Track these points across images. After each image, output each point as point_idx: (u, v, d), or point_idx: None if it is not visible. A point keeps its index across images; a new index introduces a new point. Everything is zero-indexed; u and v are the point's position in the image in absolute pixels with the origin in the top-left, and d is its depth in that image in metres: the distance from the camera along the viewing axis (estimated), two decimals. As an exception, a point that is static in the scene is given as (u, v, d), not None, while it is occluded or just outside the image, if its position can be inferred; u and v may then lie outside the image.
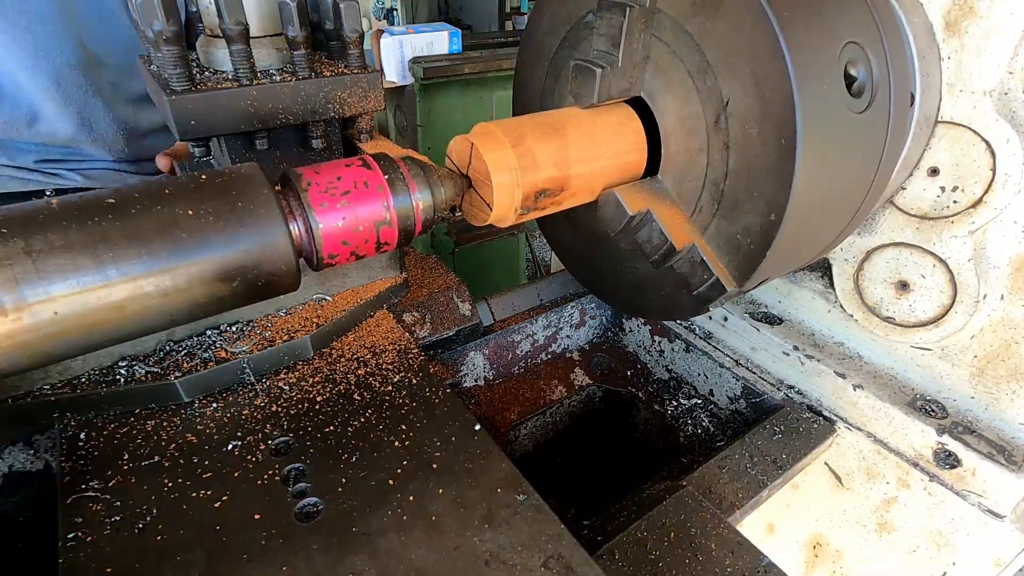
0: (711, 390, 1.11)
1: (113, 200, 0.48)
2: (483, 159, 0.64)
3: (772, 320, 1.06)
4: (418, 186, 0.63)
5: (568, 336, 1.23)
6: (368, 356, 0.80)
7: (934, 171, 0.80)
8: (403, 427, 0.68)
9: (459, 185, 0.67)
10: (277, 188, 0.58)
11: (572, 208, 0.76)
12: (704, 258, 0.71)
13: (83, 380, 0.71)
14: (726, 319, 1.08)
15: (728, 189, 0.68)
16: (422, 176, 0.64)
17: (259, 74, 0.76)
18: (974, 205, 0.77)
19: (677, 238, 0.73)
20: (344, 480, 0.61)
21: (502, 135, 0.65)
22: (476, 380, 1.11)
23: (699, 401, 1.12)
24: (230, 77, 0.75)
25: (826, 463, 0.97)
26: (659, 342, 1.19)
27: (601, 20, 0.69)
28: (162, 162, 1.16)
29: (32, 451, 0.75)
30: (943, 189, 0.79)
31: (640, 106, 0.74)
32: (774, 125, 0.60)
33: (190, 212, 0.50)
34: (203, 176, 0.53)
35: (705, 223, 0.72)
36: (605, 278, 0.90)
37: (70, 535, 0.55)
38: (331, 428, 0.68)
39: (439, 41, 2.61)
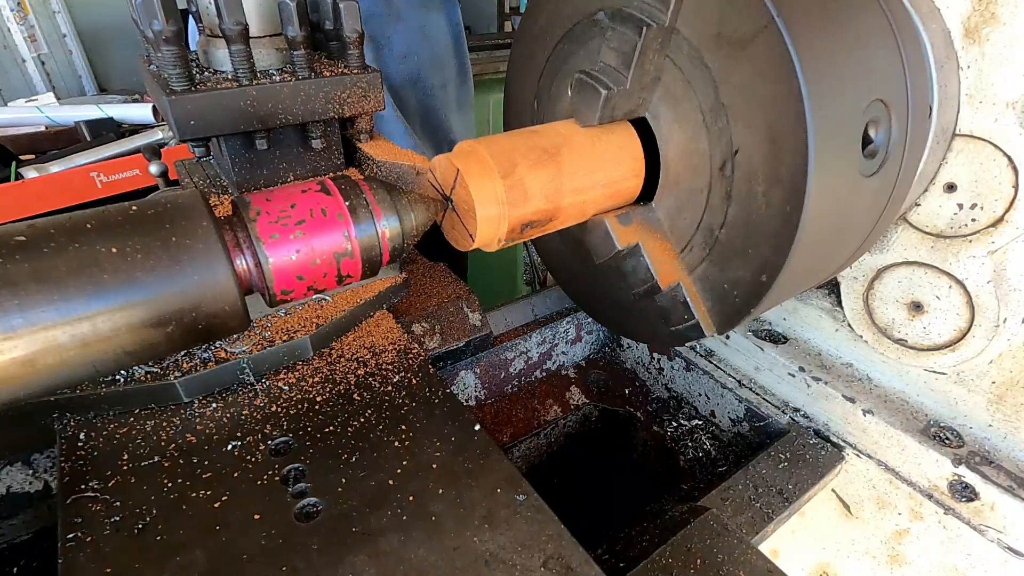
0: (712, 411, 1.07)
1: (24, 237, 0.43)
2: (468, 189, 0.59)
3: (777, 338, 1.01)
4: (384, 212, 0.58)
5: (564, 352, 1.19)
6: (368, 356, 0.80)
7: (951, 187, 0.75)
8: (403, 427, 0.68)
9: (433, 208, 0.62)
10: (226, 216, 0.54)
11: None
12: (688, 299, 0.69)
13: (82, 380, 0.71)
14: (728, 336, 1.04)
15: (723, 238, 0.65)
16: (388, 201, 0.59)
17: (259, 74, 0.76)
18: (994, 224, 0.73)
19: (663, 276, 0.70)
20: (344, 480, 0.61)
21: (491, 161, 0.60)
22: (467, 400, 1.08)
23: (700, 423, 1.08)
24: (230, 77, 0.75)
25: (833, 490, 0.93)
26: (658, 359, 1.15)
27: (613, 32, 0.64)
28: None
29: (31, 471, 0.75)
30: (960, 206, 0.75)
31: (642, 122, 0.70)
32: (783, 190, 0.57)
33: (114, 250, 0.45)
34: (134, 207, 0.48)
35: (694, 263, 0.69)
36: (591, 291, 0.87)
37: (70, 535, 0.55)
38: (331, 428, 0.68)
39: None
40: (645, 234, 0.72)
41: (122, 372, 0.72)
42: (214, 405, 0.72)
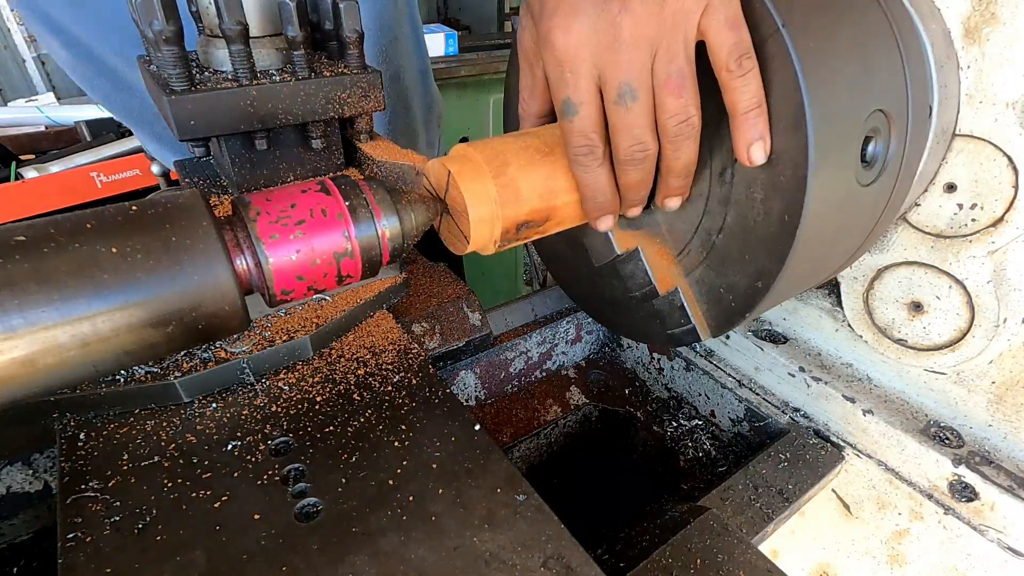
0: (712, 411, 1.07)
1: (24, 237, 0.43)
2: (460, 190, 0.59)
3: (777, 339, 1.01)
4: (384, 212, 0.58)
5: (564, 352, 1.19)
6: (368, 356, 0.80)
7: (951, 187, 0.76)
8: (403, 427, 0.68)
9: (433, 209, 0.62)
10: (226, 216, 0.54)
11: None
12: (684, 303, 0.69)
13: (82, 380, 0.71)
14: (728, 336, 1.04)
15: (720, 243, 0.65)
16: (388, 201, 0.58)
17: (259, 74, 0.76)
18: (994, 224, 0.73)
19: (661, 281, 0.71)
20: (344, 480, 0.61)
21: (482, 162, 0.60)
22: (467, 400, 1.08)
23: (700, 423, 1.08)
24: (230, 77, 0.75)
25: (833, 490, 0.94)
26: (658, 359, 1.15)
27: None
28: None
29: (31, 471, 0.75)
30: (960, 206, 0.75)
31: None
32: (781, 200, 0.57)
33: (114, 250, 0.45)
34: (134, 207, 0.48)
35: (691, 267, 0.70)
36: (590, 292, 0.87)
37: (69, 535, 0.55)
38: (331, 428, 0.68)
39: (435, 43, 2.61)
40: (644, 238, 0.73)
41: (122, 372, 0.72)
42: (214, 405, 0.72)
